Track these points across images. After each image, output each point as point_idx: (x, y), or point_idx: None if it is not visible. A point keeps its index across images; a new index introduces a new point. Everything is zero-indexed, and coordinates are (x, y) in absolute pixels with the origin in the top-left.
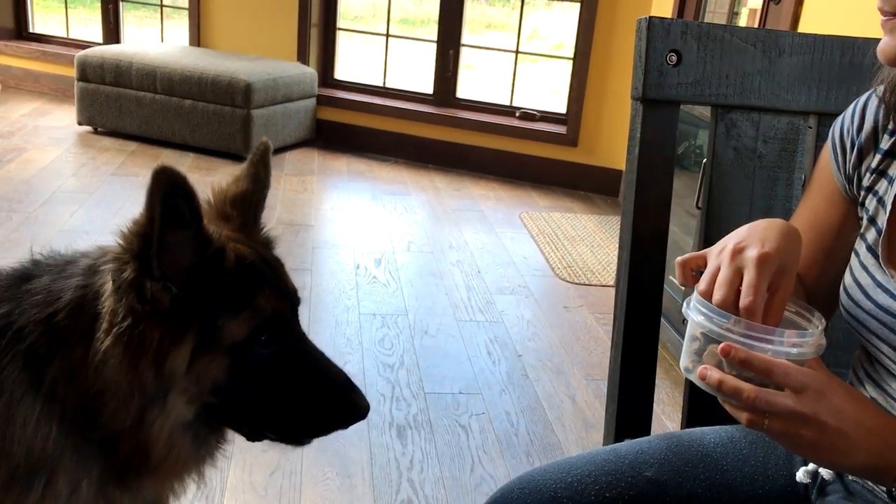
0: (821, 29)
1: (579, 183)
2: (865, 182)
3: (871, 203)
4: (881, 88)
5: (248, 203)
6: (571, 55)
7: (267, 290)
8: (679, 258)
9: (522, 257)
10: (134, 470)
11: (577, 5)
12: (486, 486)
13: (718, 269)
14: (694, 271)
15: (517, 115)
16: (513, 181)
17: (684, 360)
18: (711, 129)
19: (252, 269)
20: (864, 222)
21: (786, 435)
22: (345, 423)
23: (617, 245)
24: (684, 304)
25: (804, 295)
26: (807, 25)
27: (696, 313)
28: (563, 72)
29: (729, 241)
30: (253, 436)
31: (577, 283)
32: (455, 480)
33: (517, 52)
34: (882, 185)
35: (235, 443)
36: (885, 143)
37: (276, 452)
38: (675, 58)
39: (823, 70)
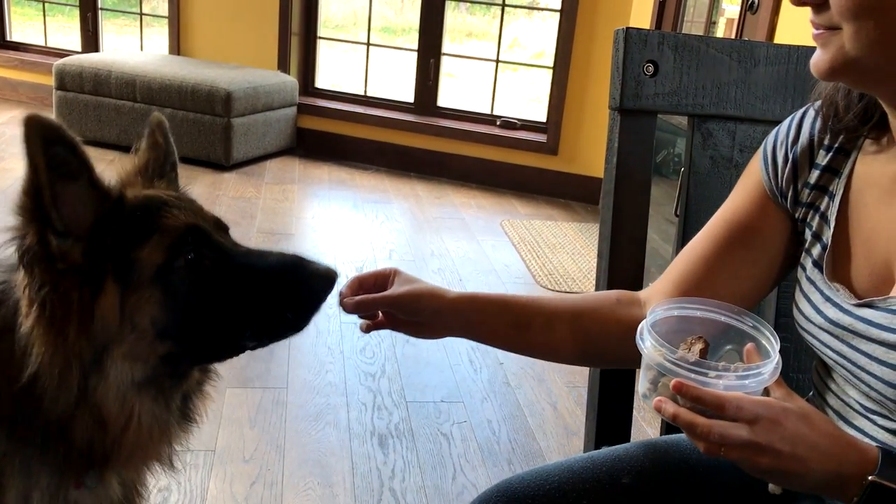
0: (796, 38)
1: (560, 191)
2: (805, 198)
3: (813, 219)
4: (818, 103)
5: (151, 169)
6: (551, 64)
7: (174, 211)
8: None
9: (504, 265)
10: (98, 454)
11: (557, 15)
12: (467, 495)
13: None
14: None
15: (498, 123)
16: (494, 189)
17: (642, 387)
18: (688, 139)
19: (153, 198)
20: (808, 238)
21: (743, 462)
22: (317, 299)
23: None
24: (637, 332)
25: (714, 287)
26: (783, 35)
27: (647, 344)
28: (543, 81)
29: None
30: (231, 354)
31: (557, 291)
32: (437, 489)
33: (498, 60)
34: (823, 202)
35: (215, 453)
36: (822, 159)
37: (257, 463)
38: (651, 68)
39: (798, 80)
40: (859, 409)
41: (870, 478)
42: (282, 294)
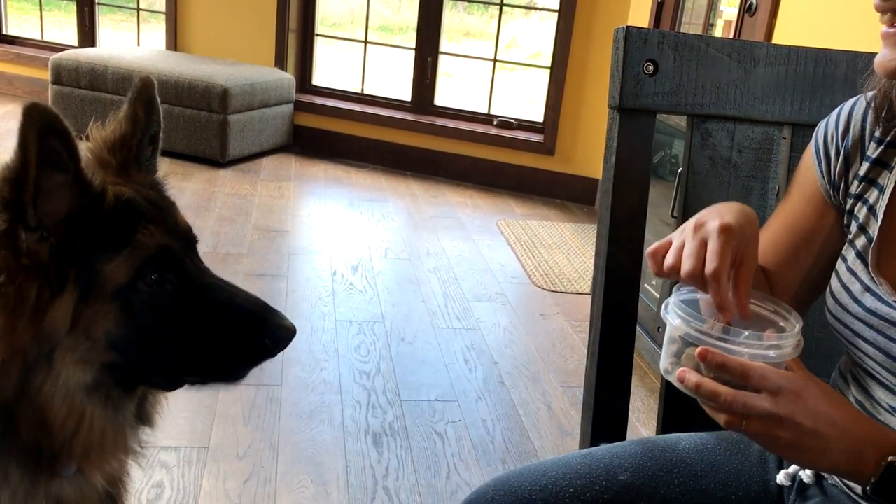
0: (794, 40)
1: (556, 191)
2: (854, 189)
3: (860, 210)
4: (871, 94)
5: (127, 145)
6: (549, 64)
7: (150, 227)
8: (648, 249)
9: (499, 265)
10: (47, 450)
11: (555, 15)
12: (461, 494)
13: (683, 245)
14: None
15: (495, 123)
16: (490, 189)
17: (664, 363)
18: (687, 139)
19: (131, 206)
20: (854, 229)
21: (763, 436)
22: (269, 350)
23: (593, 253)
24: (662, 307)
25: (777, 294)
26: (781, 37)
27: (673, 316)
28: (540, 81)
29: (690, 221)
30: (170, 386)
31: (553, 291)
32: (431, 488)
33: (495, 60)
34: (872, 194)
35: (209, 450)
36: (873, 152)
37: (251, 460)
38: (651, 67)
39: (797, 81)
40: (886, 408)
41: (889, 458)
42: (235, 337)
